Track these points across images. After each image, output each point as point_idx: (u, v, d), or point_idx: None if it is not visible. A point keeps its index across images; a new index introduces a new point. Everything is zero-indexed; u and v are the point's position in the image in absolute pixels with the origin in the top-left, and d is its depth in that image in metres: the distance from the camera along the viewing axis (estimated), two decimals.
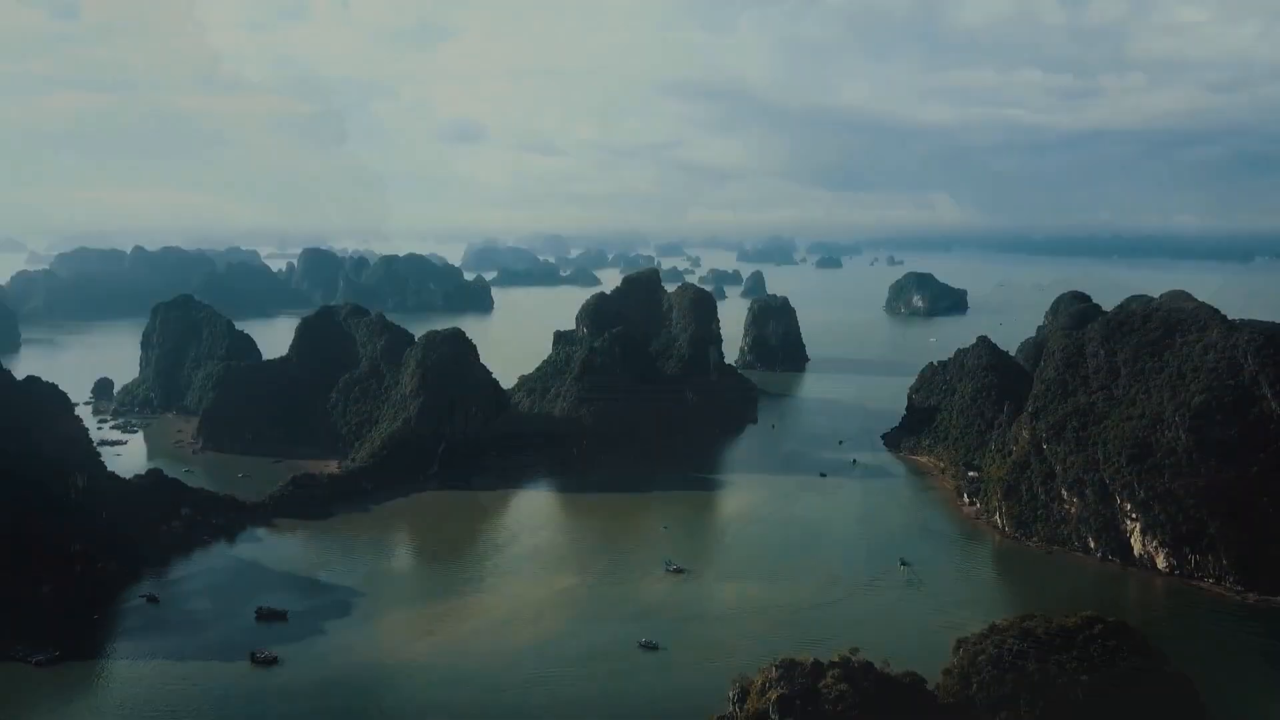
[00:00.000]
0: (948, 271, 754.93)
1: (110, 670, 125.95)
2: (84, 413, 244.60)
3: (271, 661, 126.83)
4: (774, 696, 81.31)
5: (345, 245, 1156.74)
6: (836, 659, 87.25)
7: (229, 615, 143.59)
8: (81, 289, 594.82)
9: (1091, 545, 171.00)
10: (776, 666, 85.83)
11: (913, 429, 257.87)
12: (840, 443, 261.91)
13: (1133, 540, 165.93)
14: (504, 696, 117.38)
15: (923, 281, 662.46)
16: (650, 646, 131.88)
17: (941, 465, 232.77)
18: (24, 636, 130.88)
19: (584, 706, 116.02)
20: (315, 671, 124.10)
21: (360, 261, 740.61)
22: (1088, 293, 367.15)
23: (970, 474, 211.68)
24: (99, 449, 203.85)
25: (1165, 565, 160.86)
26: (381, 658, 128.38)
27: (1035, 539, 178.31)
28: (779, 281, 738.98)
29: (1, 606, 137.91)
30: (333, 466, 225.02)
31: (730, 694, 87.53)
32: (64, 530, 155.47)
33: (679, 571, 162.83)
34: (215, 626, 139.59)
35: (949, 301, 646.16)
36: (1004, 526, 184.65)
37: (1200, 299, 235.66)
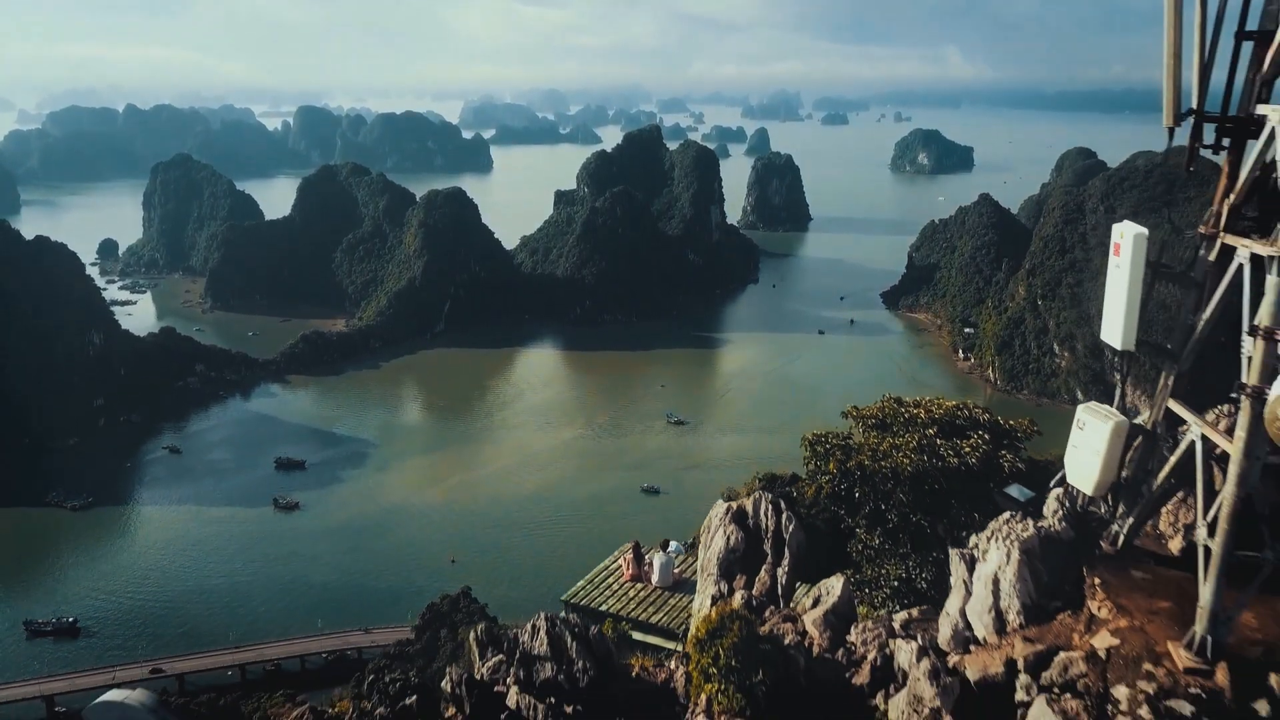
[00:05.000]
0: (955, 128, 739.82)
1: (142, 514, 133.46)
2: (91, 274, 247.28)
3: (293, 507, 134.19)
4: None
5: (340, 103, 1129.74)
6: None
7: (249, 465, 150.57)
8: (76, 148, 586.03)
9: (1080, 397, 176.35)
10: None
11: (911, 287, 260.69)
12: (841, 299, 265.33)
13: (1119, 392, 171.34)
14: (514, 535, 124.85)
15: (929, 138, 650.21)
16: (652, 491, 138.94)
17: (939, 322, 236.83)
18: (58, 484, 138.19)
19: (589, 540, 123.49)
20: (335, 515, 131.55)
21: (357, 119, 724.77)
22: (1094, 149, 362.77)
23: (966, 330, 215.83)
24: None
25: None
26: (396, 502, 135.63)
27: (1026, 392, 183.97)
28: (784, 138, 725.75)
29: (35, 456, 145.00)
30: (340, 325, 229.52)
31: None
32: (86, 386, 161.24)
33: (680, 424, 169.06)
34: (237, 475, 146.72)
35: (955, 159, 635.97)
36: (996, 380, 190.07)
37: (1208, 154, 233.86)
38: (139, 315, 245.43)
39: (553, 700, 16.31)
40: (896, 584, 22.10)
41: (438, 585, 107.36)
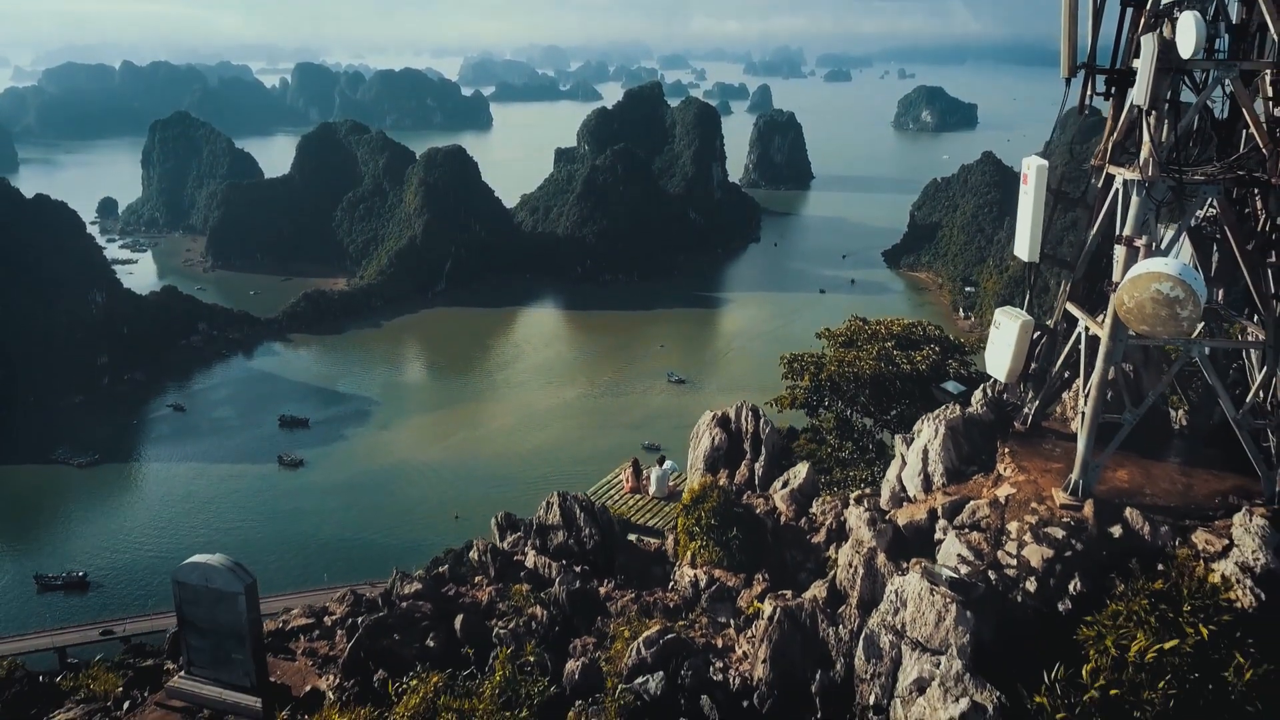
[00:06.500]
0: (959, 85, 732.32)
1: (148, 471, 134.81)
2: (91, 232, 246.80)
3: (298, 464, 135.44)
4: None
5: (338, 59, 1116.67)
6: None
7: (253, 422, 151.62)
8: (73, 106, 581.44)
9: None
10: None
11: (913, 246, 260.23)
12: (843, 257, 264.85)
13: None
14: (516, 490, 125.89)
15: (933, 95, 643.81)
16: (653, 448, 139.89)
17: (940, 281, 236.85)
18: (63, 442, 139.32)
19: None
20: (339, 472, 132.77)
21: (356, 76, 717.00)
22: (1099, 106, 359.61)
23: (967, 289, 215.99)
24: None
25: None
26: (400, 459, 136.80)
27: None
28: (786, 96, 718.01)
29: (40, 414, 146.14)
30: (341, 283, 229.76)
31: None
32: (89, 344, 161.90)
33: (681, 383, 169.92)
34: (242, 432, 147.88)
35: (958, 116, 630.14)
36: None
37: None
38: (140, 274, 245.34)
39: (564, 561, 19.26)
40: (863, 485, 24.05)
41: (442, 541, 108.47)
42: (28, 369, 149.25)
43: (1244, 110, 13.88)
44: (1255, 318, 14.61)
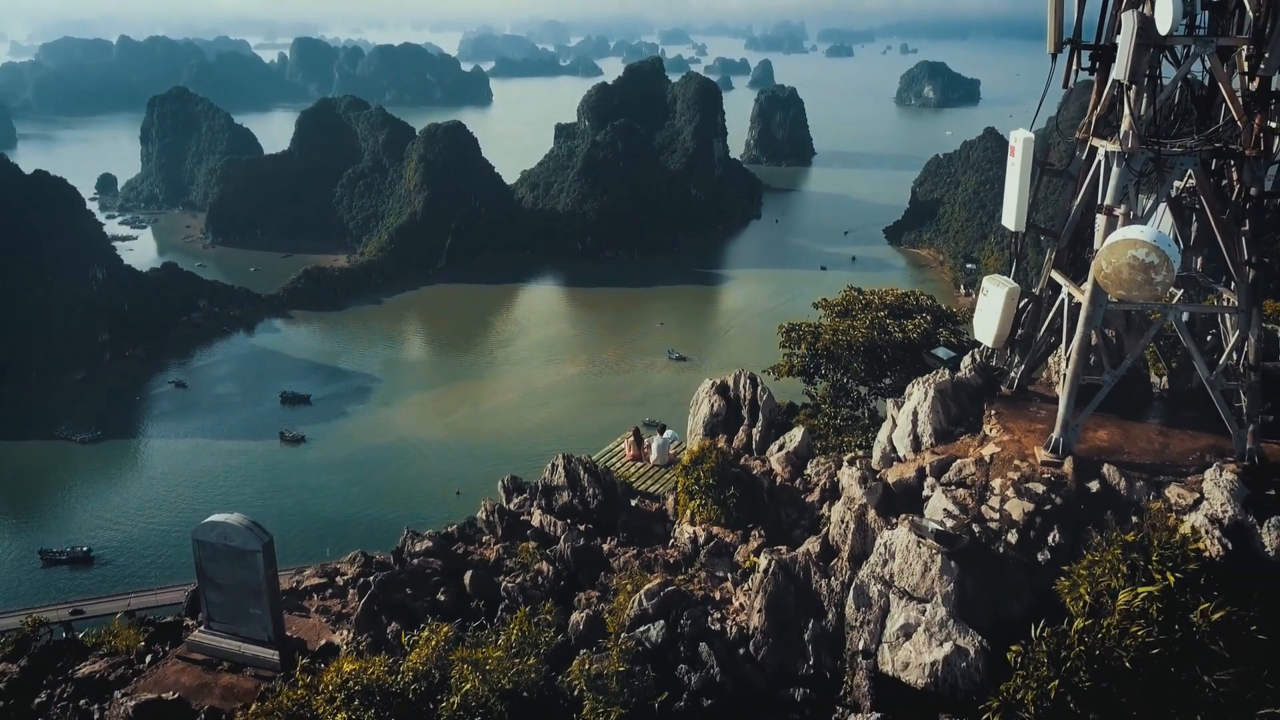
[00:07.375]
0: (961, 61, 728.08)
1: (150, 447, 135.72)
2: (91, 208, 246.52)
3: (300, 440, 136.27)
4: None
5: (337, 34, 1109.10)
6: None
7: (255, 399, 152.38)
8: (70, 81, 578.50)
9: None
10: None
11: (914, 222, 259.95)
12: (845, 234, 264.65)
13: None
14: (518, 467, 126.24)
15: (935, 71, 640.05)
16: (653, 424, 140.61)
17: (940, 258, 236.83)
18: (66, 418, 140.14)
19: None
20: (341, 448, 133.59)
21: (355, 51, 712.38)
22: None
23: (968, 266, 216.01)
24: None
25: None
26: (402, 436, 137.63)
27: None
28: (788, 71, 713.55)
29: (42, 392, 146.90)
30: (341, 260, 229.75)
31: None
32: (90, 321, 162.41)
33: (682, 360, 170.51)
34: (243, 409, 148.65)
35: (961, 92, 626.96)
36: None
37: None
38: (140, 250, 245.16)
39: (569, 520, 20.06)
40: (857, 449, 24.76)
41: (443, 516, 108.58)
42: (29, 346, 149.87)
43: (1220, 84, 14.42)
44: (1231, 284, 15.21)
